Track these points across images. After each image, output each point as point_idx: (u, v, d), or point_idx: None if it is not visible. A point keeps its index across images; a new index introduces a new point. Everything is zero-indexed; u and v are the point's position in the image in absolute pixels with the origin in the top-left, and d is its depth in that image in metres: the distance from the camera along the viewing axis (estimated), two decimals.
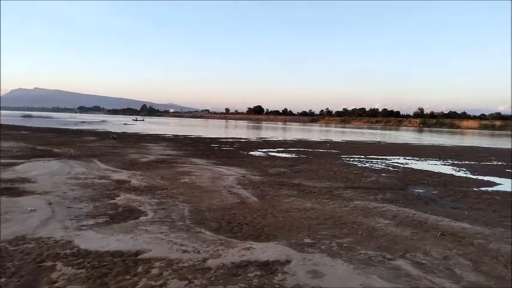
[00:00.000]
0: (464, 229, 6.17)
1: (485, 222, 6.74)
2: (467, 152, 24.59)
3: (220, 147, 22.01)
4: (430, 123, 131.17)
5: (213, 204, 7.28)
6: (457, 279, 4.14)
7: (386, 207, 7.54)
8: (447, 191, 9.90)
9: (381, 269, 4.28)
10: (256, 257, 4.55)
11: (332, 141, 32.66)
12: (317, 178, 11.10)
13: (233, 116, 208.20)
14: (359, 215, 6.81)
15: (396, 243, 5.31)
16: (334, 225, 6.13)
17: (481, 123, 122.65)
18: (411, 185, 10.60)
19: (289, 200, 7.97)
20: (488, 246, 5.37)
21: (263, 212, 6.85)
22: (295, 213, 6.81)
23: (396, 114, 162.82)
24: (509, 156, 21.90)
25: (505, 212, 7.64)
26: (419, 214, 7.07)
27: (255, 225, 5.98)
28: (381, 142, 34.47)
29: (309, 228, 5.91)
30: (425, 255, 4.84)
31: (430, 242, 5.40)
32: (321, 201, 7.97)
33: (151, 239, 5.12)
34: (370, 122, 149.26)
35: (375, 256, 4.70)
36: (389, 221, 6.47)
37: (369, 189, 9.65)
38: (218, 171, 11.51)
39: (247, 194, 8.29)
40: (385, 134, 60.16)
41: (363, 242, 5.31)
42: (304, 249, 4.89)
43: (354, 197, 8.49)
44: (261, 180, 10.24)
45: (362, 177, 11.58)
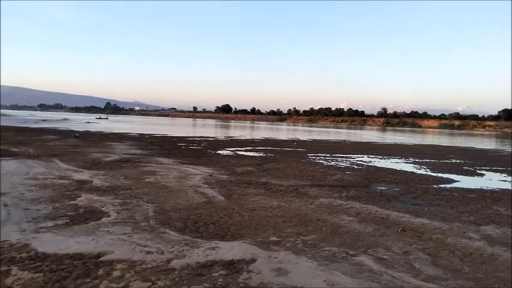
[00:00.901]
0: (424, 225, 6.40)
1: (444, 217, 7.02)
2: (428, 150, 25.56)
3: (187, 146, 21.76)
4: (393, 122, 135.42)
5: (179, 204, 7.18)
6: (416, 273, 4.29)
7: (350, 205, 7.70)
8: (408, 188, 10.24)
9: (344, 265, 4.36)
10: (222, 256, 4.53)
11: (299, 140, 33.06)
12: (284, 177, 11.19)
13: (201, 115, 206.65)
14: (324, 213, 6.92)
15: (359, 239, 5.44)
16: (299, 222, 6.19)
17: (441, 122, 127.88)
18: (374, 183, 10.88)
19: (256, 198, 7.98)
20: (446, 240, 5.59)
21: (230, 211, 6.82)
22: (262, 212, 6.83)
23: (361, 114, 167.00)
24: (466, 154, 22.95)
25: (462, 207, 7.99)
26: (382, 211, 7.27)
27: (221, 225, 5.95)
28: (346, 141, 35.23)
29: (275, 226, 5.95)
30: (386, 251, 4.98)
31: (392, 238, 5.56)
32: (287, 199, 8.04)
33: (114, 240, 4.98)
34: (336, 121, 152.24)
35: (338, 252, 4.79)
36: (353, 218, 6.62)
37: (334, 187, 9.83)
38: (184, 171, 11.37)
39: (214, 193, 8.24)
40: (350, 133, 61.55)
41: (327, 238, 5.40)
42: (269, 247, 4.91)
43: (320, 195, 8.62)
44: (228, 179, 10.20)
45: (327, 175, 11.78)
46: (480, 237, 5.81)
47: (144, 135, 30.66)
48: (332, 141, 34.35)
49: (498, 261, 4.81)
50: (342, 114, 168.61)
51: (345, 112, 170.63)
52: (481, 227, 6.46)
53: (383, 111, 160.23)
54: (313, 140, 34.00)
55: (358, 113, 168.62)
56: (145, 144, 21.66)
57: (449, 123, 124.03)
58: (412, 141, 38.69)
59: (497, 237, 5.85)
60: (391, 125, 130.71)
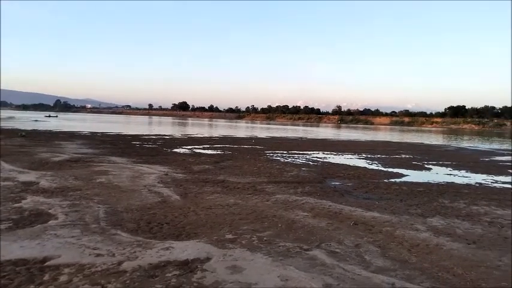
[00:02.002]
0: (375, 218, 6.63)
1: (393, 211, 7.31)
2: (380, 147, 26.57)
3: (142, 144, 21.21)
4: (347, 119, 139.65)
5: (132, 204, 6.97)
6: (366, 265, 4.44)
7: (305, 200, 7.84)
8: (361, 183, 10.58)
9: (298, 260, 4.43)
10: (176, 256, 4.45)
11: (257, 138, 33.23)
12: (241, 174, 11.20)
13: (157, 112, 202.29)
14: (280, 209, 7.00)
15: (313, 234, 5.54)
16: (255, 219, 6.22)
17: (392, 119, 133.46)
18: (329, 178, 11.15)
19: (212, 196, 7.92)
20: (395, 232, 5.83)
21: (185, 210, 6.72)
22: (218, 210, 6.78)
23: (317, 112, 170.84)
24: (415, 150, 24.10)
25: (411, 201, 8.37)
26: (335, 205, 7.46)
27: (175, 224, 5.84)
28: (303, 138, 35.88)
29: (231, 224, 5.93)
30: (339, 244, 5.12)
31: (344, 232, 5.72)
32: (244, 196, 8.05)
33: (61, 243, 4.75)
34: (293, 118, 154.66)
35: (292, 248, 4.85)
36: (307, 213, 6.74)
37: (290, 183, 9.96)
38: (138, 170, 11.07)
39: (169, 193, 8.08)
40: (307, 130, 62.78)
41: (282, 234, 5.46)
42: (225, 245, 4.89)
43: (276, 191, 8.70)
44: (184, 178, 10.05)
45: (284, 172, 11.93)
46: (426, 229, 6.10)
47: (96, 134, 29.54)
48: (289, 138, 34.85)
49: (442, 251, 5.08)
50: (298, 111, 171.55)
51: (302, 110, 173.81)
52: (428, 219, 6.79)
53: (337, 109, 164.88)
54: (271, 138, 34.31)
55: (314, 110, 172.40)
56: (97, 143, 20.87)
57: (400, 120, 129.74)
58: (365, 138, 40.08)
59: (442, 228, 6.17)
60: (345, 122, 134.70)
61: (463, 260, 4.74)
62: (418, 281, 4.03)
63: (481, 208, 7.80)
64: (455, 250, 5.11)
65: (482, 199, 8.78)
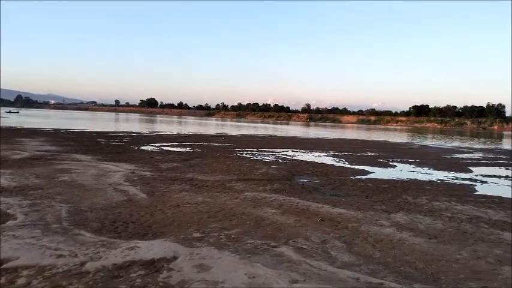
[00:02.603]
0: (341, 214, 6.76)
1: (359, 207, 7.47)
2: (347, 144, 27.12)
3: (108, 141, 20.67)
4: (316, 118, 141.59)
5: (96, 203, 6.78)
6: (332, 260, 4.51)
7: (274, 197, 7.88)
8: (328, 180, 10.76)
9: (265, 257, 4.45)
10: (141, 256, 4.36)
11: (227, 135, 33.14)
12: (211, 172, 11.12)
13: (124, 109, 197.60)
14: (248, 206, 7.00)
15: (281, 231, 5.58)
16: (224, 217, 6.19)
17: (359, 118, 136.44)
18: (297, 176, 11.27)
19: (180, 195, 7.82)
20: (360, 228, 5.96)
21: (152, 208, 6.60)
22: (186, 208, 6.71)
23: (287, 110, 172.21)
24: (380, 148, 24.75)
25: (376, 197, 8.58)
26: (303, 202, 7.54)
27: (141, 223, 5.73)
28: (273, 136, 36.08)
29: (199, 222, 5.88)
30: (306, 241, 5.18)
31: (311, 228, 5.80)
32: (213, 194, 8.00)
33: (20, 245, 4.55)
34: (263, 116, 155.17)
35: (260, 245, 4.87)
36: (275, 210, 6.78)
37: (259, 180, 9.99)
38: (104, 168, 10.78)
39: (135, 191, 7.92)
40: (277, 128, 63.20)
41: (251, 232, 5.47)
42: (192, 243, 4.84)
43: (245, 189, 8.70)
44: (151, 176, 9.87)
45: (253, 170, 11.95)
46: (390, 224, 6.28)
47: (60, 131, 28.54)
48: (259, 136, 34.95)
49: (405, 246, 5.24)
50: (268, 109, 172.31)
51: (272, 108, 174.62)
52: (392, 214, 6.99)
53: (307, 107, 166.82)
54: (241, 135, 34.29)
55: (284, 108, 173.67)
56: (60, 140, 20.16)
57: (366, 118, 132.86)
58: (333, 136, 40.79)
59: (405, 224, 6.37)
60: (314, 120, 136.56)
61: (424, 254, 4.91)
62: (381, 276, 4.13)
63: (442, 204, 8.11)
64: (417, 245, 5.29)
65: (444, 195, 9.13)
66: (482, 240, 5.62)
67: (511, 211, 7.70)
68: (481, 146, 31.51)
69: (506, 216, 7.21)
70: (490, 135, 62.49)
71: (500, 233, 6.04)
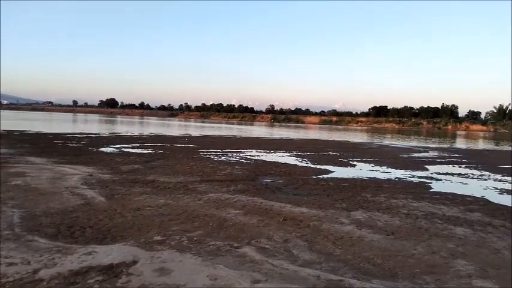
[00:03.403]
0: (303, 213, 6.86)
1: (320, 205, 7.61)
2: (309, 144, 27.57)
3: (64, 143, 19.87)
4: (280, 118, 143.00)
5: (51, 208, 6.49)
6: (294, 259, 4.57)
7: (238, 198, 7.87)
8: (291, 179, 10.89)
9: (228, 258, 4.43)
10: (99, 261, 4.21)
11: (191, 136, 32.77)
12: (173, 173, 10.95)
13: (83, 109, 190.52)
14: (211, 207, 6.95)
15: (244, 231, 5.58)
16: (186, 219, 6.11)
17: (321, 118, 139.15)
18: (261, 176, 11.32)
19: (141, 197, 7.64)
20: (321, 226, 6.07)
21: (111, 212, 6.40)
22: (147, 211, 6.56)
23: (251, 110, 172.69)
24: (341, 148, 25.35)
25: (337, 195, 8.78)
26: (266, 202, 7.58)
27: (100, 228, 5.55)
28: (237, 136, 36.06)
29: (160, 225, 5.77)
30: (268, 240, 5.21)
31: (274, 228, 5.84)
32: (175, 196, 7.88)
33: None
34: (227, 117, 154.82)
35: (223, 246, 4.85)
36: (239, 211, 6.78)
37: (223, 181, 9.95)
38: (60, 171, 10.34)
39: (94, 194, 7.65)
40: (241, 128, 63.24)
41: (213, 233, 5.43)
42: (153, 247, 4.74)
43: (208, 190, 8.64)
44: (111, 179, 9.58)
45: (217, 171, 11.89)
46: (350, 222, 6.44)
47: (13, 132, 27.10)
48: (223, 136, 34.83)
49: (364, 243, 5.39)
50: (233, 110, 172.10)
51: (236, 108, 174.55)
52: (352, 212, 7.17)
53: (271, 108, 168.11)
54: (205, 136, 34.03)
55: (248, 109, 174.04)
56: (13, 142, 19.15)
57: (328, 119, 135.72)
58: (296, 136, 41.36)
59: (364, 221, 6.55)
60: (277, 120, 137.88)
61: (382, 250, 5.07)
62: (341, 273, 4.23)
63: (400, 201, 8.41)
64: (376, 241, 5.46)
65: (401, 193, 9.48)
66: (437, 236, 5.88)
67: (463, 207, 8.12)
68: (436, 145, 33.03)
69: (459, 212, 7.59)
70: (445, 135, 65.65)
71: (453, 228, 6.34)
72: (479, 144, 39.06)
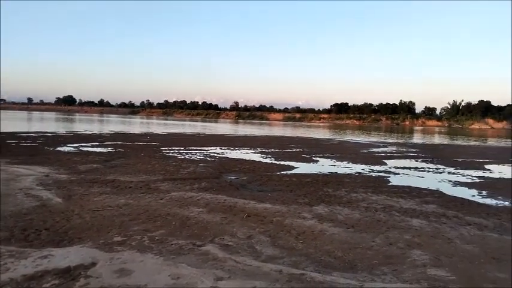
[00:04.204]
0: (267, 209, 6.92)
1: (284, 201, 7.70)
2: (274, 141, 27.80)
3: (19, 143, 18.92)
4: (244, 115, 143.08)
5: (4, 210, 6.16)
6: (257, 255, 4.60)
7: (201, 196, 7.82)
8: (255, 176, 10.94)
9: (190, 257, 4.40)
10: (55, 264, 4.06)
11: (153, 134, 32.14)
12: (134, 172, 10.71)
13: (38, 107, 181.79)
14: (174, 206, 6.86)
15: (207, 229, 5.56)
16: (147, 219, 6.00)
17: (285, 115, 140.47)
18: (225, 173, 11.30)
19: (100, 197, 7.42)
20: (284, 222, 6.15)
21: (68, 213, 6.18)
22: (106, 212, 6.38)
23: (215, 107, 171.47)
24: (304, 144, 25.75)
25: (299, 191, 8.91)
26: (230, 199, 7.58)
27: (56, 230, 5.34)
28: (201, 134, 35.76)
29: (121, 225, 5.63)
30: (232, 237, 5.22)
31: (237, 224, 5.85)
32: (136, 196, 7.71)
33: None
34: (191, 114, 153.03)
35: (185, 245, 4.80)
36: (202, 209, 6.73)
37: (186, 179, 9.84)
38: (14, 172, 9.84)
39: (50, 195, 7.35)
40: (205, 125, 62.74)
41: (176, 232, 5.37)
42: (112, 248, 4.62)
43: (171, 189, 8.52)
44: (68, 179, 9.24)
45: (180, 169, 11.74)
46: (312, 216, 6.57)
47: None
48: (187, 134, 34.42)
49: (325, 236, 5.52)
50: (197, 107, 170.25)
51: (200, 105, 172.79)
52: (314, 207, 7.31)
53: (235, 105, 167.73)
54: (168, 134, 33.48)
55: (212, 106, 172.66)
56: None
57: (292, 116, 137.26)
58: (261, 133, 41.56)
59: (325, 215, 6.70)
60: (242, 117, 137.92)
61: (342, 243, 5.21)
62: (303, 266, 4.31)
63: (360, 195, 8.67)
64: (337, 234, 5.60)
65: (361, 187, 9.77)
66: (394, 227, 6.11)
67: (419, 199, 8.48)
68: (395, 141, 34.26)
69: (415, 204, 7.92)
70: (403, 130, 68.19)
71: (409, 220, 6.61)
72: (435, 139, 40.91)
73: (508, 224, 6.60)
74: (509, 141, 39.57)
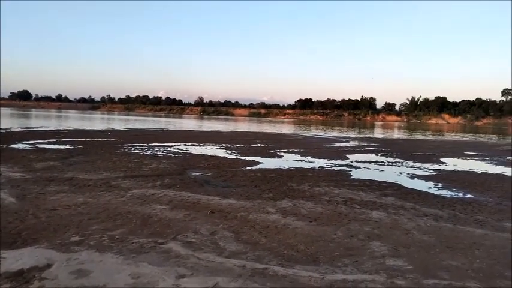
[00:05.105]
0: (231, 205, 6.90)
1: (248, 196, 7.72)
2: (239, 137, 27.78)
3: None
4: (209, 111, 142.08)
5: None
6: (220, 251, 4.58)
7: (164, 193, 7.68)
8: (220, 172, 10.88)
9: (152, 255, 4.31)
10: (7, 267, 3.85)
11: (114, 130, 31.24)
12: (94, 170, 10.36)
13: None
14: (135, 204, 6.70)
15: (169, 226, 5.47)
16: (107, 218, 5.82)
17: (250, 111, 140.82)
18: (189, 169, 11.16)
19: (57, 196, 7.12)
20: (248, 217, 6.16)
21: (22, 214, 5.88)
22: (64, 211, 6.13)
23: (179, 103, 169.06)
24: (269, 139, 25.91)
25: (264, 186, 8.96)
26: (194, 196, 7.50)
27: (9, 231, 5.07)
28: (165, 129, 35.14)
29: (79, 225, 5.43)
30: (195, 234, 5.16)
31: (201, 221, 5.80)
32: (96, 194, 7.46)
33: None
34: (154, 109, 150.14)
35: (147, 243, 4.70)
36: (165, 206, 6.62)
37: (148, 176, 9.64)
38: None
39: (3, 195, 6.96)
40: (169, 121, 61.74)
41: (137, 230, 5.24)
42: (69, 248, 4.45)
43: (132, 186, 8.31)
44: (23, 178, 8.80)
45: (143, 165, 11.48)
46: (276, 211, 6.62)
47: None
48: (150, 130, 33.71)
49: (288, 230, 5.57)
50: (160, 102, 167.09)
51: (164, 101, 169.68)
52: (278, 201, 7.37)
53: (200, 100, 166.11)
54: (129, 130, 32.64)
55: (176, 101, 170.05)
56: None
57: (257, 111, 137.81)
58: (226, 129, 41.42)
59: (289, 210, 6.77)
60: (207, 113, 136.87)
61: (305, 237, 5.29)
62: (266, 261, 4.33)
63: (322, 189, 8.82)
64: (299, 228, 5.67)
65: (323, 181, 9.95)
66: (355, 220, 6.27)
67: (379, 192, 8.75)
68: (356, 135, 35.18)
69: (375, 197, 8.16)
70: (364, 126, 70.17)
71: (369, 212, 6.80)
72: (394, 134, 42.39)
73: (462, 214, 6.94)
74: (464, 136, 41.68)
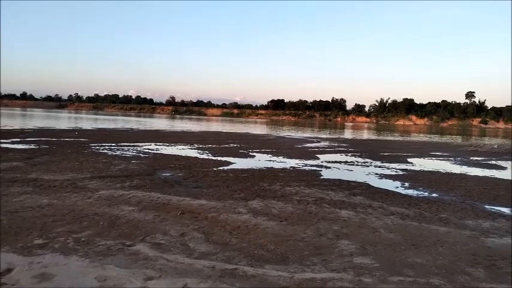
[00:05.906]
0: (202, 205, 6.84)
1: (219, 197, 7.68)
2: (211, 137, 27.64)
3: None
4: (181, 110, 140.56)
5: None
6: (190, 252, 4.53)
7: (133, 194, 7.53)
8: (191, 172, 10.78)
9: (119, 257, 4.22)
10: None
11: (82, 129, 30.39)
12: (59, 170, 10.03)
13: None
14: (102, 205, 6.54)
15: (138, 228, 5.37)
16: (73, 220, 5.65)
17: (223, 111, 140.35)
18: (159, 170, 11.00)
19: (20, 198, 6.85)
20: (219, 217, 6.13)
21: None
22: (27, 213, 5.90)
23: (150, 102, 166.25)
24: (242, 139, 25.92)
25: (236, 186, 8.94)
26: (164, 197, 7.39)
27: None
28: (134, 129, 34.49)
29: (42, 227, 5.24)
30: (164, 235, 5.09)
31: (170, 222, 5.72)
32: (61, 195, 7.22)
33: None
34: (124, 108, 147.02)
35: (114, 245, 4.59)
36: (133, 207, 6.49)
37: (117, 177, 9.43)
38: None
39: None
40: (140, 120, 60.63)
41: (104, 232, 5.11)
42: (32, 252, 4.28)
43: (100, 187, 8.11)
44: None
45: (111, 166, 11.22)
46: (247, 211, 6.62)
47: None
48: (119, 129, 32.99)
49: (259, 230, 5.59)
50: (130, 101, 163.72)
51: (134, 99, 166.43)
52: (249, 202, 7.37)
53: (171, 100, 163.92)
54: (98, 129, 31.84)
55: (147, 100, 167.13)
56: None
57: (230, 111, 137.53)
58: (198, 128, 41.11)
59: (260, 209, 6.79)
60: (179, 113, 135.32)
61: (275, 237, 5.31)
62: (236, 261, 4.32)
63: (293, 189, 8.90)
64: (270, 228, 5.70)
65: (295, 181, 10.04)
66: (324, 219, 6.36)
67: (348, 191, 8.92)
68: (327, 136, 35.72)
69: (344, 196, 8.31)
70: (335, 126, 71.37)
71: (338, 211, 6.92)
72: (364, 135, 43.32)
73: (427, 213, 7.17)
74: (430, 136, 43.13)
